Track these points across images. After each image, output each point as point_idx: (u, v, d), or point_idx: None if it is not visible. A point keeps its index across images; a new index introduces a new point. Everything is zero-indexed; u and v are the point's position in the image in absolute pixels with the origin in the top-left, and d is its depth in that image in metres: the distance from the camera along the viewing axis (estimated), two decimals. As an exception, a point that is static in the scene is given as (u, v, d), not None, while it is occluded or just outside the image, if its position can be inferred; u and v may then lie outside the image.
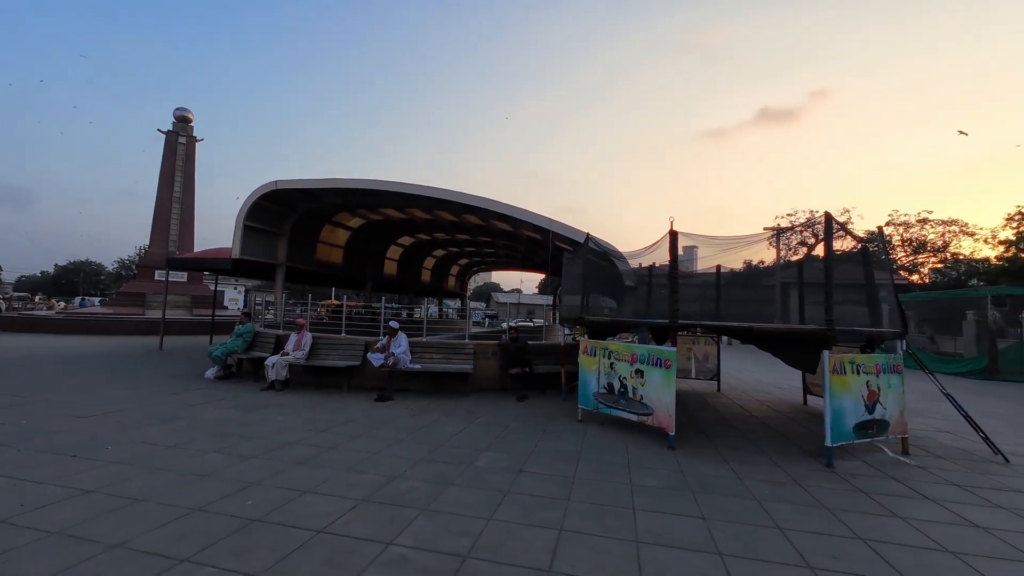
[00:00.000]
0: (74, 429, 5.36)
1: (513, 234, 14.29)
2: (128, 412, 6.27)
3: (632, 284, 9.12)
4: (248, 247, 11.69)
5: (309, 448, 4.98)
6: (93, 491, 3.67)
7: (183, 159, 26.29)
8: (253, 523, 3.24)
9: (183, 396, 7.45)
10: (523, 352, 8.46)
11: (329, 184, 11.30)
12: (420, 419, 6.49)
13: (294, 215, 12.92)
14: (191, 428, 5.61)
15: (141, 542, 2.93)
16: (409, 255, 20.48)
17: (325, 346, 8.89)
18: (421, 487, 4.01)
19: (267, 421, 6.07)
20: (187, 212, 26.16)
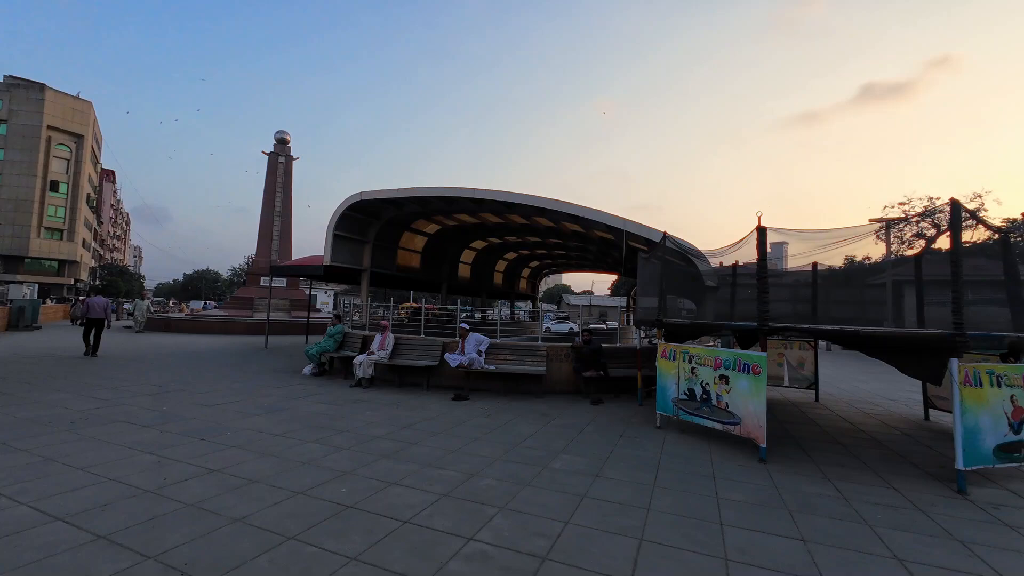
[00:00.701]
0: (201, 416, 6.17)
1: (584, 235, 14.11)
2: (242, 403, 7.09)
3: (713, 285, 8.58)
4: (337, 254, 12.70)
5: (393, 442, 5.29)
6: (217, 471, 4.20)
7: (282, 177, 29.27)
8: (347, 509, 3.50)
9: (285, 390, 8.27)
10: (597, 355, 8.31)
11: (408, 193, 11.95)
12: (495, 419, 6.62)
13: (377, 223, 13.82)
14: (292, 419, 6.21)
15: (256, 518, 3.29)
16: (481, 258, 21.01)
17: (405, 346, 9.40)
18: (498, 486, 4.09)
19: (356, 416, 6.55)
20: (286, 224, 29.06)
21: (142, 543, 2.90)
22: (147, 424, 5.64)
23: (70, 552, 2.78)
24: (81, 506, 3.38)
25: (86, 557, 2.73)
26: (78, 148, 52.04)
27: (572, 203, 10.57)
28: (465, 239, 18.38)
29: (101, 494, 3.60)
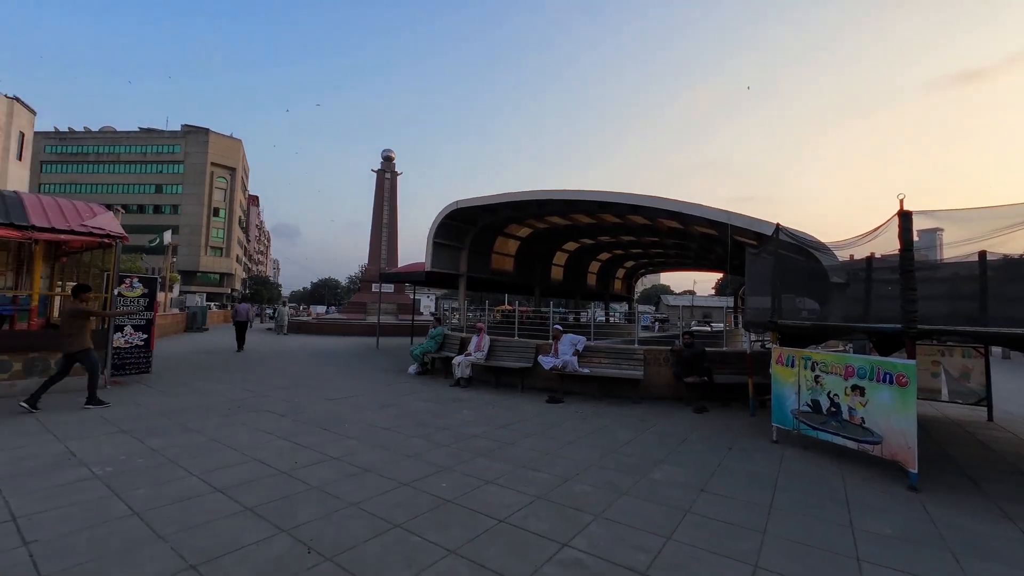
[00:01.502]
0: (324, 408, 6.95)
1: (683, 232, 13.26)
2: (357, 398, 7.84)
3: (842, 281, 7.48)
4: (437, 261, 13.51)
5: (490, 442, 5.44)
6: (337, 458, 4.68)
7: (388, 191, 31.97)
8: (447, 503, 3.67)
9: (393, 387, 8.97)
10: (700, 359, 7.73)
11: (501, 199, 12.30)
12: (590, 423, 6.49)
13: (473, 230, 14.43)
14: (400, 415, 6.70)
15: (369, 505, 3.60)
16: (574, 260, 20.83)
17: (501, 348, 9.64)
18: (593, 492, 3.98)
19: (455, 414, 6.86)
20: (392, 235, 31.67)
21: (278, 517, 3.33)
22: (283, 414, 6.50)
23: (225, 519, 3.29)
24: (234, 480, 3.99)
25: (236, 525, 3.21)
26: (232, 179, 62.24)
27: (669, 198, 10.01)
28: (557, 241, 18.37)
29: (248, 472, 4.22)
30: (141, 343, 8.79)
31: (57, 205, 8.08)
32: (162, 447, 4.82)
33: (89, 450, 4.64)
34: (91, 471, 4.09)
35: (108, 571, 2.61)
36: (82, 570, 2.61)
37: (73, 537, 2.96)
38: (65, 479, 3.89)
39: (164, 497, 3.60)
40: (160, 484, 3.86)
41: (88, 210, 8.29)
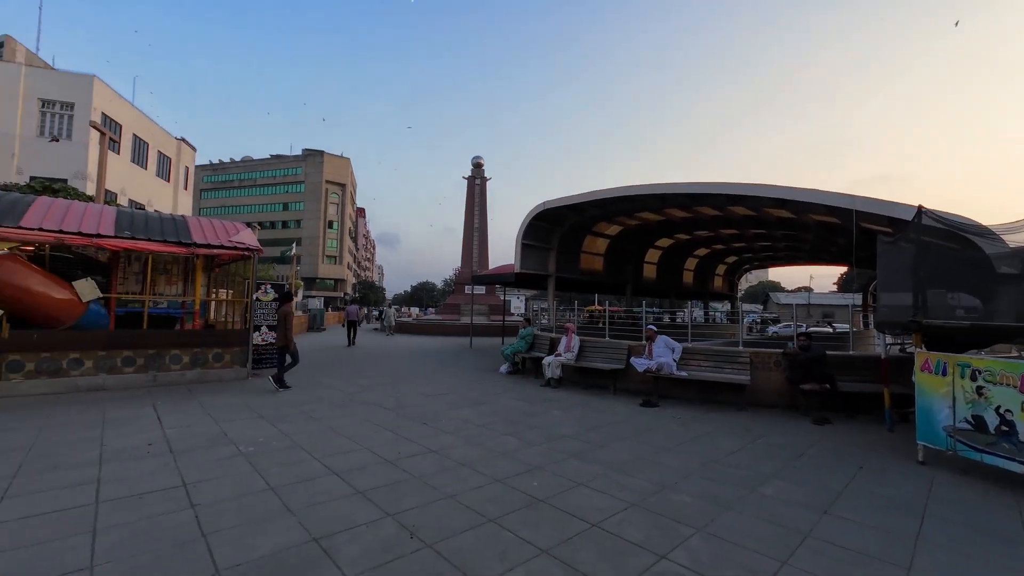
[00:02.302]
0: (423, 404, 7.40)
1: (795, 222, 11.89)
2: (452, 395, 8.23)
3: (1014, 271, 6.12)
4: (526, 262, 13.68)
5: (581, 443, 5.36)
6: (436, 451, 4.95)
7: (478, 196, 33.17)
8: (539, 503, 3.69)
9: (486, 386, 9.27)
10: (819, 364, 6.86)
11: (588, 197, 12.09)
12: (689, 429, 6.09)
13: (561, 230, 14.38)
14: (492, 412, 6.90)
15: (464, 498, 3.75)
16: (668, 257, 19.77)
17: (591, 349, 9.47)
18: (694, 504, 3.72)
19: (546, 414, 6.88)
20: (483, 238, 32.79)
21: (385, 502, 3.61)
22: (388, 408, 7.05)
23: (342, 500, 3.64)
24: (347, 465, 4.42)
25: (350, 506, 3.54)
26: (343, 194, 69.22)
27: (776, 185, 9.03)
28: (649, 238, 17.58)
29: (359, 459, 4.64)
30: (274, 341, 10.13)
31: (211, 225, 9.66)
32: (290, 432, 5.50)
33: (236, 431, 5.45)
34: (238, 449, 4.80)
35: (251, 535, 3.04)
36: (232, 533, 3.07)
37: (225, 504, 3.50)
38: (219, 455, 4.62)
39: (292, 476, 4.11)
40: (289, 465, 4.40)
41: (233, 228, 9.78)
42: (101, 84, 23.35)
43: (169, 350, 8.38)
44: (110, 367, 7.78)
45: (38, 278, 7.32)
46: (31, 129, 21.94)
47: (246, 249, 9.11)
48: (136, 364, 8.02)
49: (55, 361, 7.33)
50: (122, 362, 7.90)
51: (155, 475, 4.03)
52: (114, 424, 5.59)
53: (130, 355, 7.99)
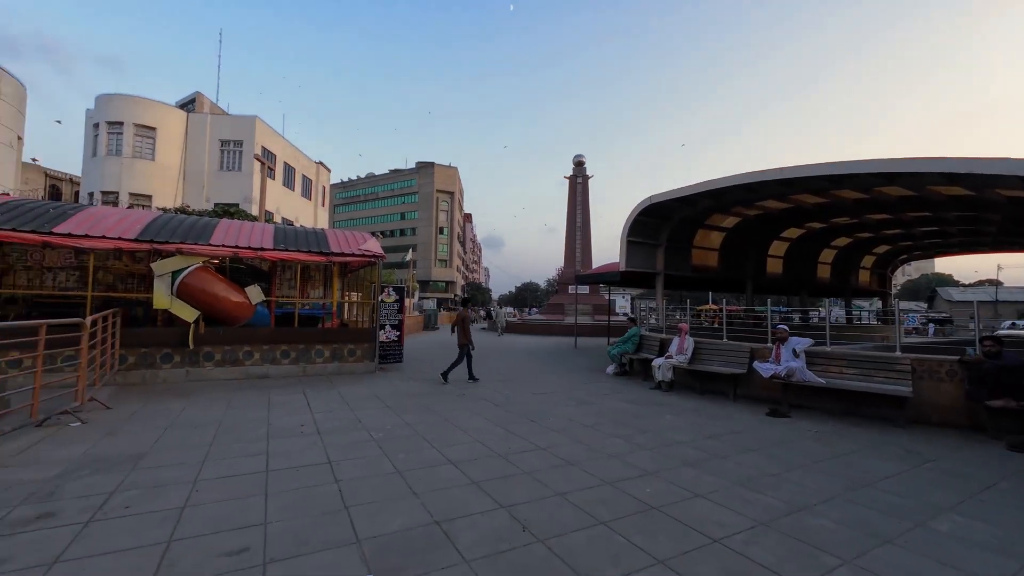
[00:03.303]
0: (531, 401, 7.55)
1: (974, 200, 9.73)
2: (559, 394, 8.27)
3: None
4: (632, 260, 13.21)
5: (697, 451, 5.01)
6: (544, 449, 5.02)
7: (580, 195, 32.84)
8: (652, 510, 3.53)
9: (591, 386, 9.14)
10: (1014, 375, 5.51)
11: (700, 188, 11.26)
12: (829, 446, 5.33)
13: (669, 225, 13.62)
14: (599, 413, 6.78)
15: (574, 497, 3.75)
16: (797, 249, 17.54)
17: (706, 351, 8.80)
18: (838, 531, 3.25)
19: (656, 417, 6.57)
20: (585, 237, 32.38)
21: (497, 495, 3.76)
22: (498, 404, 7.33)
23: (458, 488, 3.89)
24: (462, 456, 4.70)
25: (466, 495, 3.76)
26: (451, 201, 73.73)
27: (946, 157, 7.48)
28: (773, 229, 15.78)
29: (472, 451, 4.90)
30: (395, 339, 11.18)
31: (344, 236, 10.99)
32: (413, 422, 6.02)
33: (368, 419, 6.13)
34: (370, 435, 5.40)
35: (384, 511, 3.39)
36: (368, 508, 3.46)
37: (361, 482, 3.95)
38: (355, 439, 5.23)
39: (416, 462, 4.49)
40: (413, 452, 4.82)
41: (362, 238, 11.01)
42: (261, 123, 28.00)
43: (314, 345, 9.73)
44: (272, 359, 9.28)
45: (222, 285, 9.02)
46: (215, 164, 27.14)
47: (373, 256, 10.20)
48: (290, 357, 9.46)
49: (234, 352, 8.97)
50: (280, 355, 9.37)
51: (307, 452, 4.71)
52: (276, 406, 6.66)
53: (286, 349, 9.44)
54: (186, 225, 9.45)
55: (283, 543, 2.92)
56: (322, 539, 2.99)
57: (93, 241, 7.84)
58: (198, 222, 9.90)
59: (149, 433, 5.18)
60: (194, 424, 5.61)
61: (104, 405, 6.23)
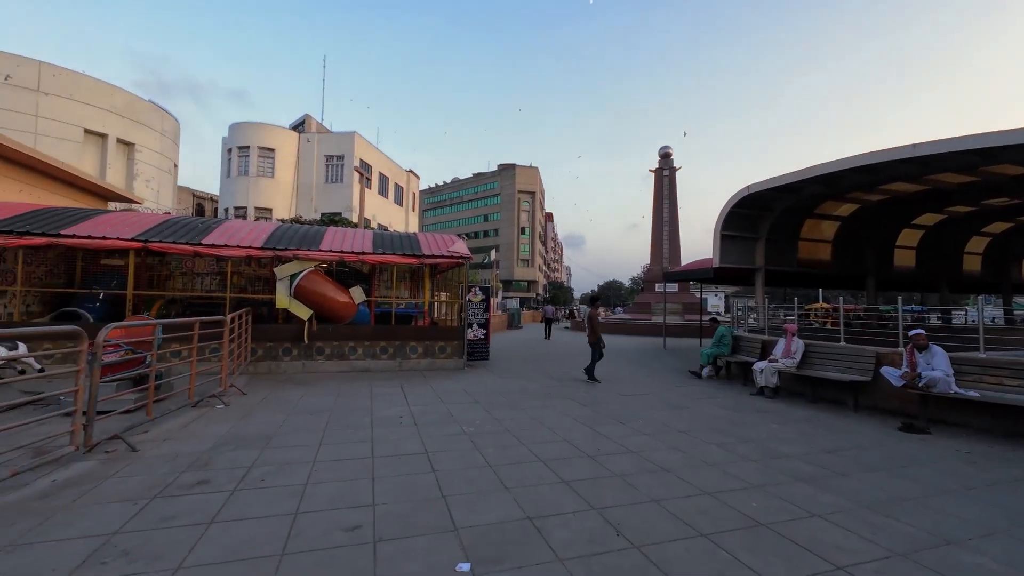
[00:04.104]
0: (619, 403, 7.35)
1: None
2: (648, 396, 7.95)
3: None
4: (726, 255, 12.26)
5: (812, 466, 4.51)
6: (635, 452, 4.86)
7: (667, 189, 31.26)
8: (760, 527, 3.25)
9: (684, 389, 8.66)
10: None
11: (809, 174, 10.10)
12: (984, 471, 4.50)
13: (770, 216, 12.43)
14: (693, 418, 6.40)
15: (670, 505, 3.58)
16: (934, 238, 15.03)
17: (819, 355, 7.90)
18: (1003, 572, 2.73)
19: (760, 426, 6.03)
20: (673, 232, 30.75)
21: (588, 495, 3.71)
22: (585, 404, 7.24)
23: (548, 486, 3.91)
24: (551, 455, 4.71)
25: (556, 493, 3.76)
26: (533, 201, 74.33)
27: None
28: (902, 215, 13.70)
29: (560, 450, 4.90)
30: (482, 337, 11.54)
31: (434, 239, 11.58)
32: (501, 418, 6.17)
33: (459, 413, 6.40)
34: (462, 429, 5.63)
35: (478, 503, 3.52)
36: (464, 499, 3.61)
37: (456, 474, 4.14)
38: (448, 432, 5.49)
39: (506, 458, 4.60)
40: (502, 447, 4.94)
41: (450, 240, 11.53)
42: (360, 138, 30.54)
43: (409, 342, 10.38)
44: (373, 354, 10.08)
45: (331, 286, 10.00)
46: (321, 178, 30.16)
47: (460, 257, 10.63)
48: (388, 353, 10.20)
49: (340, 348, 9.89)
50: (379, 351, 10.15)
51: (406, 441, 5.05)
52: (378, 398, 7.22)
53: (385, 345, 10.20)
54: (300, 234, 10.61)
55: (390, 524, 3.15)
56: (424, 523, 3.18)
57: (230, 250, 9.12)
58: (310, 231, 11.07)
59: (276, 417, 5.91)
60: (311, 411, 6.29)
61: (240, 391, 7.23)
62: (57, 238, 8.12)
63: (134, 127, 21.78)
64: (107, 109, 20.66)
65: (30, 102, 18.57)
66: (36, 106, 18.67)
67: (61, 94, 19.27)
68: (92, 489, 3.60)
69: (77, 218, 8.93)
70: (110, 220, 9.17)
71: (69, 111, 19.42)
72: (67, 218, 8.83)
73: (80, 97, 19.79)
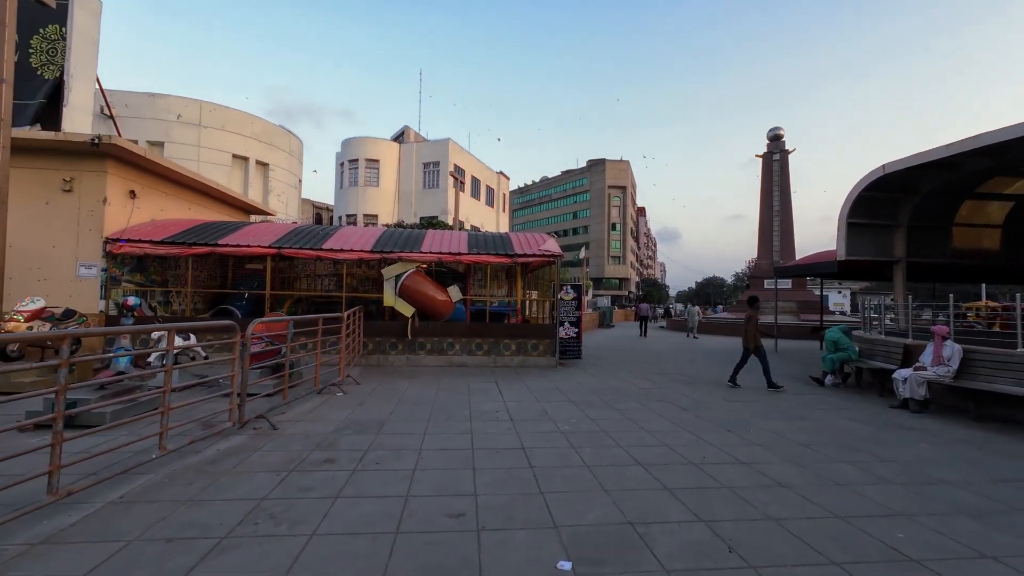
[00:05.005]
0: (725, 409, 6.81)
1: None
2: (758, 403, 7.26)
3: None
4: (854, 246, 10.72)
5: (977, 497, 3.76)
6: (746, 464, 4.46)
7: (778, 174, 28.23)
8: (910, 562, 2.78)
9: (802, 398, 7.75)
10: None
11: (974, 144, 8.41)
12: None
13: (912, 199, 10.61)
14: (816, 431, 5.70)
15: (792, 525, 3.22)
16: None
17: (985, 363, 6.56)
18: None
19: (905, 445, 5.18)
20: (785, 223, 27.70)
21: (694, 506, 3.49)
22: (685, 407, 6.83)
23: (650, 492, 3.74)
24: (650, 459, 4.51)
25: (659, 500, 3.59)
26: (623, 196, 71.95)
27: None
28: (1107, 190, 10.84)
29: (661, 454, 4.67)
30: (574, 335, 11.44)
31: (525, 238, 11.74)
32: (596, 418, 6.06)
33: (554, 411, 6.42)
34: (557, 427, 5.63)
35: (576, 503, 3.49)
36: (562, 497, 3.60)
37: (553, 471, 4.15)
38: (543, 429, 5.53)
39: (603, 458, 4.50)
40: (599, 448, 4.85)
41: (541, 239, 11.60)
42: (454, 144, 32.08)
43: (503, 339, 10.66)
44: (469, 350, 10.52)
45: (431, 285, 10.64)
46: (419, 184, 32.23)
47: (552, 256, 10.65)
48: (483, 349, 10.57)
49: (440, 343, 10.47)
50: (475, 347, 10.56)
51: (503, 436, 5.18)
52: (475, 392, 7.52)
53: (480, 342, 10.59)
54: (403, 237, 11.43)
55: (492, 515, 3.26)
56: (523, 518, 3.23)
57: (345, 254, 10.14)
58: (412, 234, 11.87)
59: (386, 406, 6.44)
60: (416, 402, 6.75)
61: (356, 381, 8.00)
62: (215, 247, 9.69)
63: (268, 149, 25.21)
64: (249, 136, 24.17)
65: (194, 135, 22.42)
66: (198, 137, 22.48)
67: (215, 126, 22.98)
68: (246, 459, 4.23)
69: (228, 230, 10.56)
70: (252, 231, 10.71)
71: (221, 140, 23.09)
72: (221, 230, 10.49)
73: (229, 127, 23.41)
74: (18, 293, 8.01)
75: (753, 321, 8.71)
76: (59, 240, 9.09)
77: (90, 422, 4.70)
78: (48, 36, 9.15)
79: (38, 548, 2.71)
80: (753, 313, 8.86)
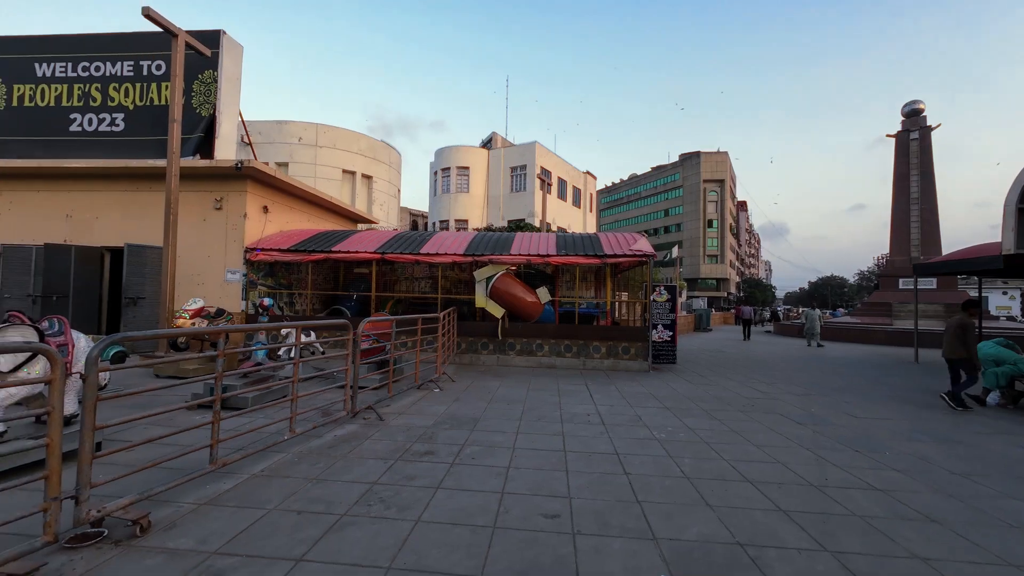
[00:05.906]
0: (850, 425, 6.00)
1: None
2: (896, 421, 6.27)
3: None
4: (1027, 237, 8.79)
5: None
6: (881, 491, 3.87)
7: (917, 156, 24.23)
8: (1125, 632, 2.21)
9: (955, 418, 6.55)
10: None
11: None
12: None
13: (1114, 176, 8.43)
14: (974, 458, 4.78)
15: (948, 568, 2.72)
16: None
17: None
18: None
19: (1109, 484, 4.13)
20: (928, 212, 23.65)
21: (817, 533, 3.11)
22: (800, 422, 6.14)
23: (761, 512, 3.42)
24: (761, 476, 4.12)
25: (773, 522, 3.26)
26: (721, 190, 66.81)
27: None
28: None
29: (773, 472, 4.23)
30: (668, 339, 10.87)
31: (615, 238, 11.43)
32: (695, 427, 5.69)
33: (648, 417, 6.15)
34: (652, 433, 5.39)
35: (677, 515, 3.31)
36: (661, 507, 3.44)
37: (650, 480, 3.97)
38: (637, 435, 5.33)
39: (704, 471, 4.21)
40: (700, 459, 4.54)
41: (632, 238, 11.21)
42: (540, 147, 32.34)
43: (592, 342, 10.48)
44: (557, 352, 10.51)
45: (521, 287, 10.82)
46: (507, 188, 32.98)
47: (644, 256, 10.24)
48: (572, 351, 10.49)
49: (529, 344, 10.60)
50: (564, 348, 10.52)
51: (595, 440, 5.09)
52: (565, 394, 7.49)
53: (568, 343, 10.52)
54: (493, 240, 11.77)
55: (587, 519, 3.21)
56: (620, 525, 3.14)
57: (440, 257, 10.71)
58: (501, 237, 12.19)
59: (480, 403, 6.68)
60: (507, 400, 6.91)
61: (451, 379, 8.41)
62: (330, 253, 10.82)
63: (372, 163, 27.57)
64: (355, 152, 26.66)
65: (311, 154, 25.30)
66: (315, 156, 25.33)
67: (328, 145, 25.70)
68: (358, 446, 4.66)
69: (339, 238, 11.73)
70: (359, 238, 11.78)
71: (333, 157, 25.77)
72: (334, 238, 11.69)
73: (340, 146, 26.04)
74: (183, 295, 9.73)
75: (969, 330, 7.14)
76: (212, 250, 10.83)
77: (237, 405, 5.52)
78: (204, 80, 10.97)
79: (203, 508, 3.24)
80: (969, 321, 7.23)
